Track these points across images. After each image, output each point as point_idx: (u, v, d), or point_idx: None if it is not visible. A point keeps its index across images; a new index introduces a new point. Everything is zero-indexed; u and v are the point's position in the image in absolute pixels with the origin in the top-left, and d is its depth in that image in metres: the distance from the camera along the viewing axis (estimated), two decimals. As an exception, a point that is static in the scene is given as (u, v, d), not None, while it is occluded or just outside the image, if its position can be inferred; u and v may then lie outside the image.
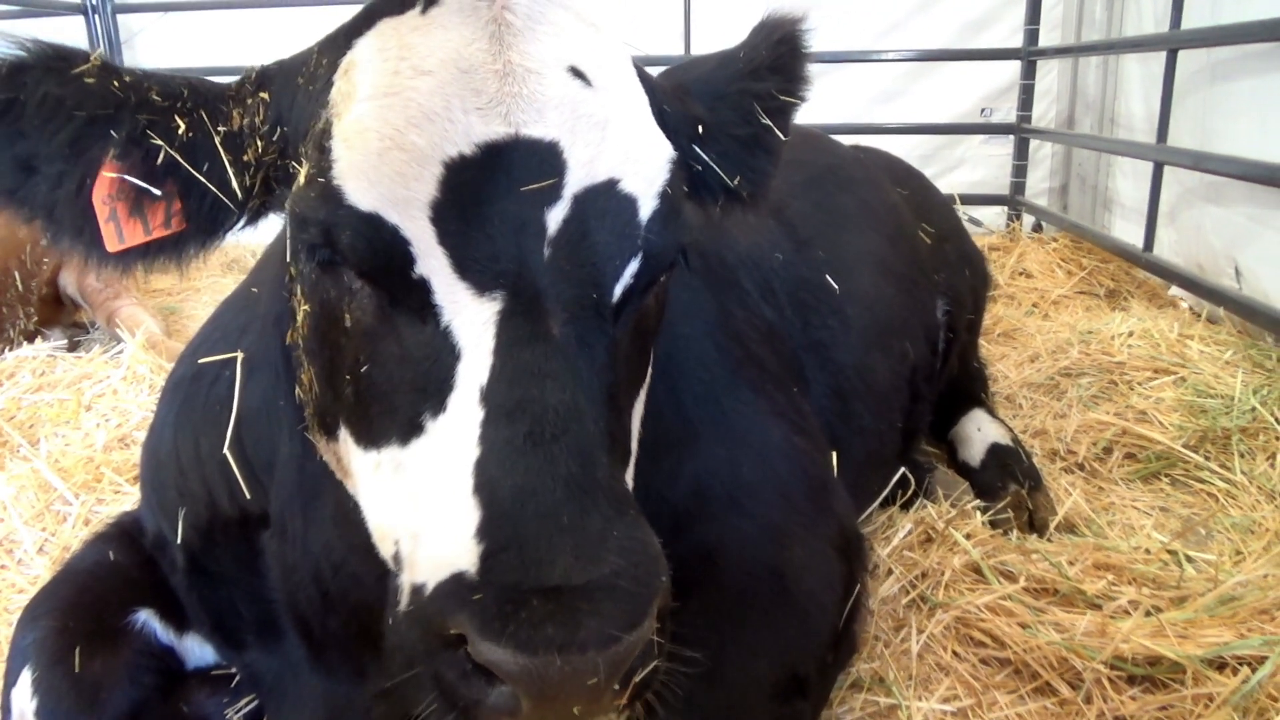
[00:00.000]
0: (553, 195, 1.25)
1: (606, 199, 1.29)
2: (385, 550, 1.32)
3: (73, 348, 4.56)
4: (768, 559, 1.88)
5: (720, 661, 1.69)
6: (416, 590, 1.13)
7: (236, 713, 1.85)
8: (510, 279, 1.22)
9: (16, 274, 4.44)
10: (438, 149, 1.23)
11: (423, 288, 1.24)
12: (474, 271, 1.23)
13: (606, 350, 1.29)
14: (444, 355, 1.24)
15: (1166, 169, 4.73)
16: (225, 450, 1.74)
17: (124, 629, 1.82)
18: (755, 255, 2.54)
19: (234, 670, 1.90)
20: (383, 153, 1.22)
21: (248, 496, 1.75)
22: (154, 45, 7.38)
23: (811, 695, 1.81)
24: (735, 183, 1.67)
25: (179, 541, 1.84)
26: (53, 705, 1.67)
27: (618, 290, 1.31)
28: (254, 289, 1.96)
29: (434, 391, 1.23)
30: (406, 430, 1.26)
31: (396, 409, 1.27)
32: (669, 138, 1.46)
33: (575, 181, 1.27)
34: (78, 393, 3.60)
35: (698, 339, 2.10)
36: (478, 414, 1.18)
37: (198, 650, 1.93)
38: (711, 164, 1.64)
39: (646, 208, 1.32)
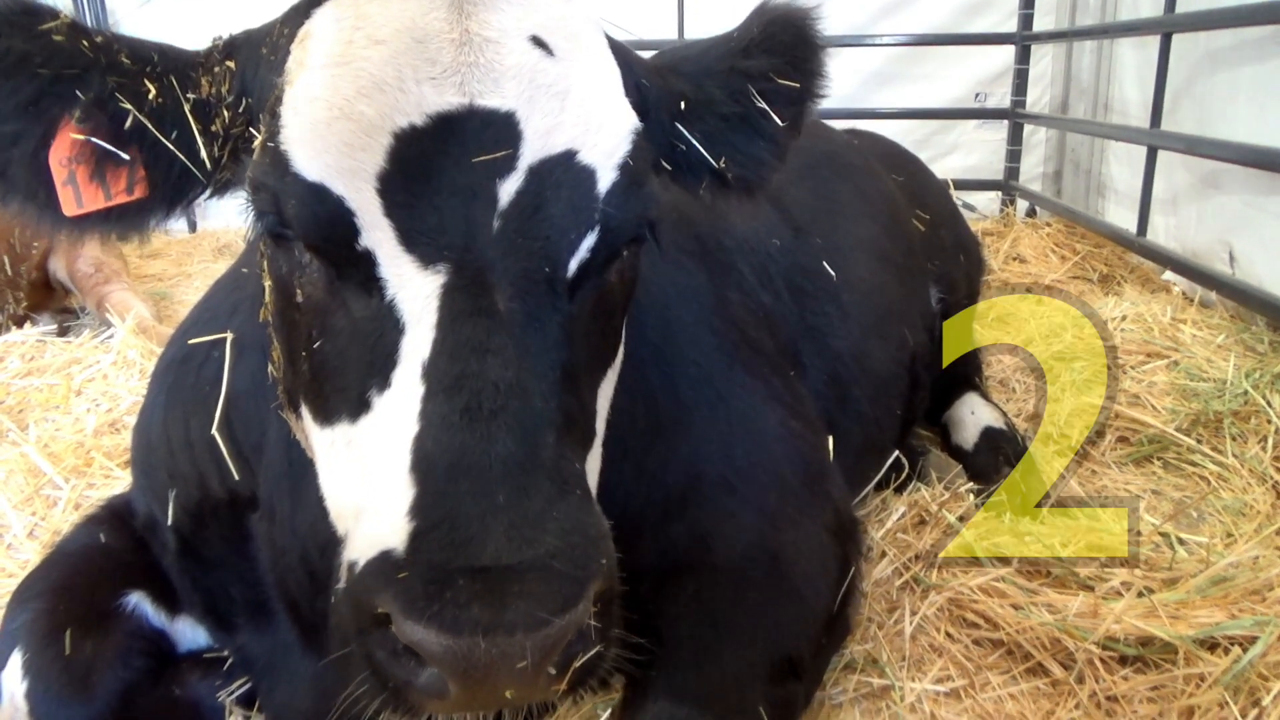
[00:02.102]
0: (506, 166, 1.23)
1: (563, 170, 1.26)
2: (340, 529, 1.31)
3: (62, 333, 4.53)
4: (762, 542, 1.88)
5: (714, 643, 1.69)
6: (350, 568, 1.12)
7: (229, 695, 1.84)
8: (457, 252, 1.20)
9: (5, 258, 4.41)
10: (387, 119, 1.21)
11: (368, 260, 1.22)
12: (420, 244, 1.21)
13: (560, 326, 1.27)
14: (389, 330, 1.22)
15: (1161, 154, 4.73)
16: (214, 431, 1.73)
17: (115, 611, 1.81)
18: (752, 240, 2.53)
19: (226, 653, 1.89)
20: (330, 122, 1.20)
21: (236, 478, 1.74)
22: (142, 29, 7.29)
23: (805, 676, 1.81)
24: (721, 164, 1.63)
25: (170, 524, 1.83)
26: (43, 687, 1.66)
27: (573, 264, 1.28)
28: (244, 269, 1.95)
29: (379, 367, 1.22)
30: (356, 407, 1.25)
31: (347, 385, 1.26)
32: (647, 113, 1.43)
33: (531, 153, 1.25)
34: (67, 377, 3.57)
35: (693, 323, 2.09)
36: (419, 390, 1.17)
37: (190, 633, 1.92)
38: (694, 142, 1.61)
39: (605, 179, 1.29)
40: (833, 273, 2.68)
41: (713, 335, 2.11)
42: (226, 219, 6.92)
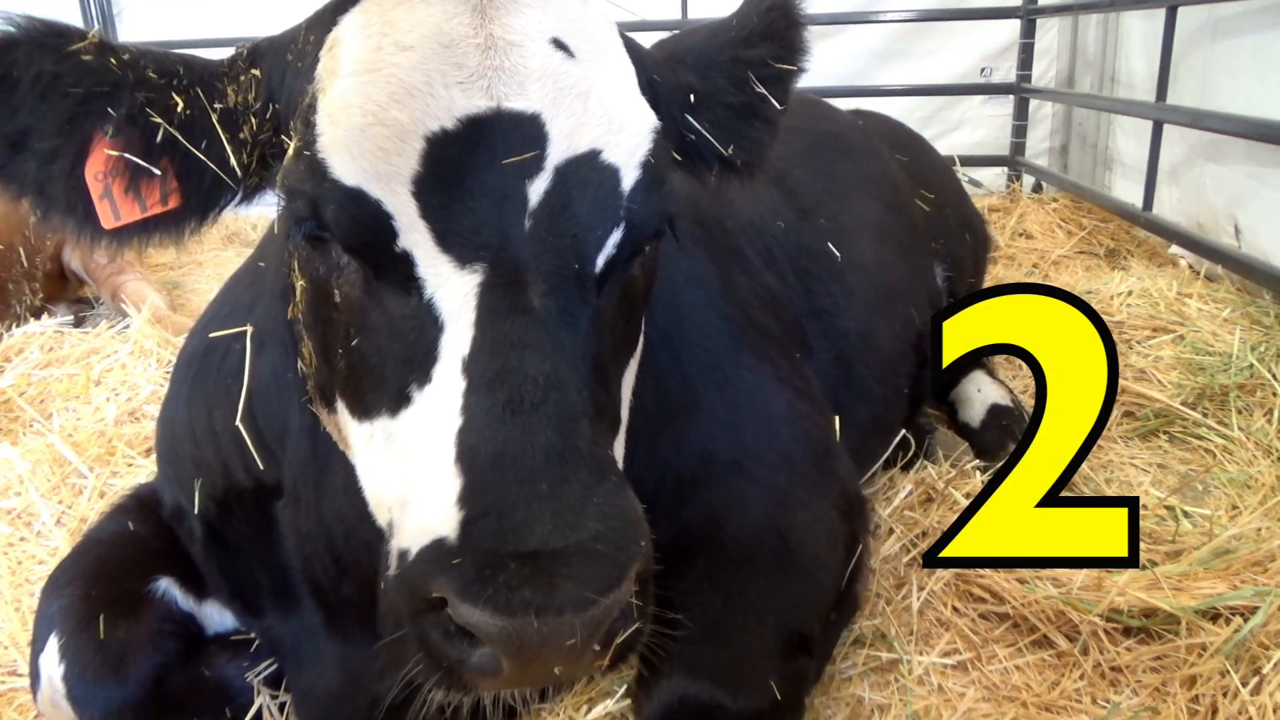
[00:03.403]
0: (534, 167, 1.27)
1: (588, 170, 1.30)
2: (381, 519, 1.36)
3: (78, 323, 4.58)
4: (772, 521, 1.92)
5: (726, 621, 1.74)
6: (402, 555, 1.18)
7: (256, 676, 1.90)
8: (491, 251, 1.25)
9: (21, 250, 4.46)
10: (419, 124, 1.25)
11: (406, 261, 1.27)
12: (455, 244, 1.25)
13: (590, 320, 1.31)
14: (428, 327, 1.26)
15: (1167, 127, 4.72)
16: (238, 422, 1.78)
17: (146, 597, 1.87)
18: (757, 223, 2.55)
19: (253, 635, 1.94)
20: (365, 128, 1.24)
21: (260, 467, 1.79)
22: (142, 20, 7.30)
23: (815, 652, 1.86)
24: (729, 151, 1.68)
25: (196, 512, 1.88)
26: (80, 670, 1.72)
27: (600, 260, 1.33)
28: (261, 263, 1.99)
29: (419, 363, 1.26)
30: (395, 401, 1.29)
31: (386, 381, 1.30)
32: (659, 107, 1.47)
33: (557, 153, 1.29)
34: (86, 368, 3.62)
35: (701, 307, 2.12)
36: (460, 384, 1.21)
37: (217, 616, 1.98)
38: (704, 133, 1.65)
39: (629, 178, 1.34)
40: (837, 253, 2.70)
41: (720, 319, 2.15)
42: (234, 206, 6.92)
